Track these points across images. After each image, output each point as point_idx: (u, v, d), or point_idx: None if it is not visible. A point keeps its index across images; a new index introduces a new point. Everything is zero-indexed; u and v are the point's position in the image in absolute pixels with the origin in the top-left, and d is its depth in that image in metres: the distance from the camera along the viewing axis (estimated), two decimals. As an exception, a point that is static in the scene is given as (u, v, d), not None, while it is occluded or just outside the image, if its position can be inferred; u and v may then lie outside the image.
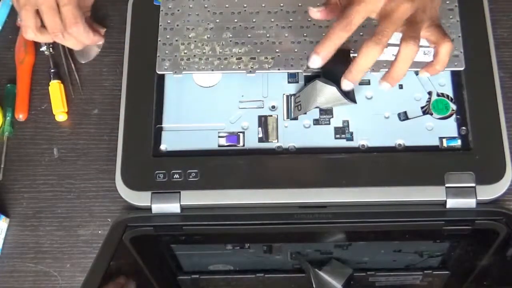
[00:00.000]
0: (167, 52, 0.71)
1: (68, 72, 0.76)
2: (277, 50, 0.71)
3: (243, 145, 0.69)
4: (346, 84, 0.62)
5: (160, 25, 0.73)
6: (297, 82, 0.71)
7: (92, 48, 0.76)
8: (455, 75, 0.70)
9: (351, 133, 0.69)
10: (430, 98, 0.70)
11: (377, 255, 0.67)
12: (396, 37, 0.60)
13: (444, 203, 0.66)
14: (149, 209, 0.67)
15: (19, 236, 0.69)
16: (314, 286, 0.61)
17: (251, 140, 0.70)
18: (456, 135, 0.68)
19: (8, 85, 0.76)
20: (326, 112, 0.70)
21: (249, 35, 0.71)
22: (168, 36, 0.72)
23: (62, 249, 0.69)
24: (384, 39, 0.58)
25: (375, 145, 0.68)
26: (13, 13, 0.79)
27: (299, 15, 0.72)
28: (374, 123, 0.69)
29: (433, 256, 0.65)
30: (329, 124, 0.69)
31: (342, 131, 0.69)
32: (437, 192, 0.65)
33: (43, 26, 0.68)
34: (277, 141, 0.69)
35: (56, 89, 0.74)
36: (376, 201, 0.66)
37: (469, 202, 0.65)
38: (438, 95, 0.70)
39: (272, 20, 0.72)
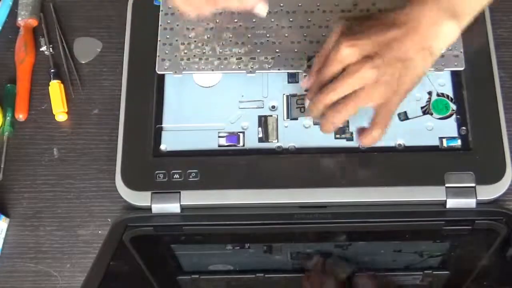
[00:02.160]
0: (167, 52, 0.71)
1: (68, 72, 0.76)
2: (277, 50, 0.70)
3: (243, 145, 0.69)
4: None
5: (160, 25, 0.72)
6: (297, 82, 0.71)
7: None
8: (455, 75, 0.70)
9: (351, 133, 0.69)
10: (430, 98, 0.69)
11: (377, 255, 0.66)
12: None
13: (444, 203, 0.65)
14: (149, 209, 0.66)
15: (19, 236, 0.69)
16: None
17: (251, 140, 0.69)
18: (456, 135, 0.68)
19: (8, 85, 0.75)
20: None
21: (249, 35, 0.71)
22: (168, 36, 0.72)
23: (62, 249, 0.68)
24: (389, 123, 0.61)
25: (375, 145, 0.66)
26: (13, 13, 0.79)
27: (299, 15, 0.72)
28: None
29: (433, 256, 0.65)
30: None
31: (342, 131, 0.69)
32: (437, 192, 0.65)
33: None
34: (277, 141, 0.69)
35: (56, 89, 0.74)
36: (376, 201, 0.66)
37: (469, 202, 0.65)
38: (438, 95, 0.70)
39: (272, 20, 0.72)
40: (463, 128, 0.68)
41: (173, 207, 0.66)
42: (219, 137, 0.69)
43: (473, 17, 0.58)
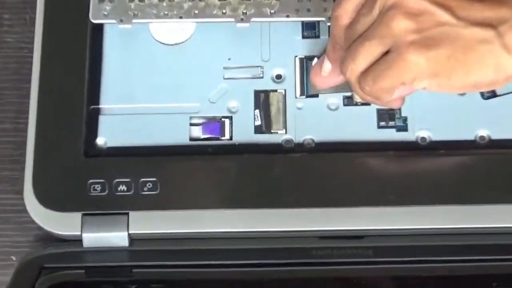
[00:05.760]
0: (107, -11, 0.60)
1: None
2: (284, -14, 0.59)
3: (230, 138, 0.56)
4: None
5: None
6: (318, 37, 0.58)
7: None
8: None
9: (405, 119, 0.56)
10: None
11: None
12: None
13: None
14: (79, 240, 0.55)
15: None
16: None
17: (243, 130, 0.57)
18: None
19: None
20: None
21: (239, -37, 0.60)
22: (109, -35, 0.61)
23: None
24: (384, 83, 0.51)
25: (442, 138, 0.55)
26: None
27: None
28: (440, 104, 0.56)
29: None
30: (370, 104, 0.55)
31: (390, 116, 0.56)
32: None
33: None
34: (285, 132, 0.56)
35: None
36: (442, 228, 0.53)
37: None
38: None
39: None
40: None
41: (117, 238, 0.54)
42: (191, 125, 0.57)
43: None
